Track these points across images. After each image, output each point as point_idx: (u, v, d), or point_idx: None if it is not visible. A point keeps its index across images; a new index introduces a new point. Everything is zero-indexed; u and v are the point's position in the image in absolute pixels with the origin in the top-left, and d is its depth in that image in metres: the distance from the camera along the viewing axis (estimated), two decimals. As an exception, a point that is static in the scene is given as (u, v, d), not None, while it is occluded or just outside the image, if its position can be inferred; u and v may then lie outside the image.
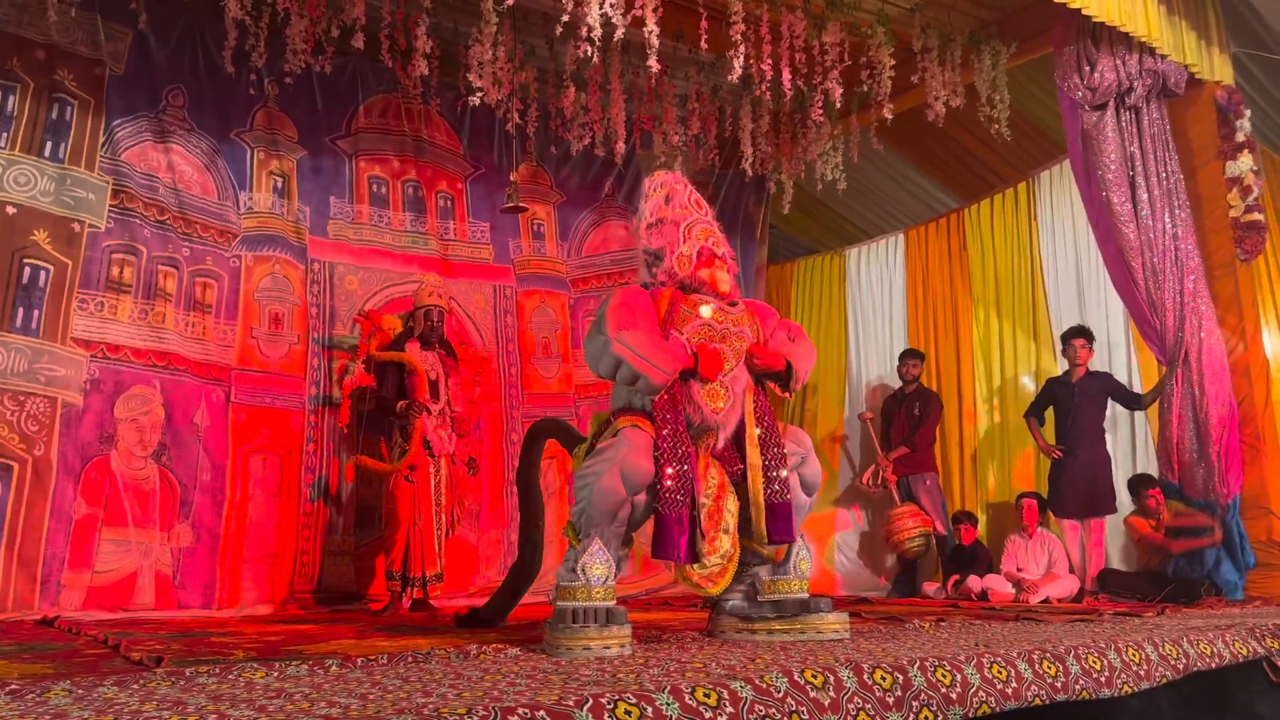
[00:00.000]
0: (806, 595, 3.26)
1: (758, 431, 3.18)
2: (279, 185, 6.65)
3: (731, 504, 3.13)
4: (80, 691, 2.13)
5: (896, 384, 7.56)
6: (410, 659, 2.72)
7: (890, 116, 6.27)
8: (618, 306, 3.18)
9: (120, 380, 5.74)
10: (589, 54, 4.79)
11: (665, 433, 3.03)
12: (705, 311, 3.25)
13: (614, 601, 2.92)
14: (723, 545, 3.07)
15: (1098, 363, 6.47)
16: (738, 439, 3.22)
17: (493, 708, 1.72)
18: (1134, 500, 5.86)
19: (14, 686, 2.17)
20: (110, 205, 5.88)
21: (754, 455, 3.16)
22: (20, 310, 5.50)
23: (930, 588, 6.75)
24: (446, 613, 5.39)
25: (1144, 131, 5.84)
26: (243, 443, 6.12)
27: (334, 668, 2.55)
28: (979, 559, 6.46)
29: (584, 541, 2.96)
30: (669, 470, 2.99)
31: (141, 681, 2.30)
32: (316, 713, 1.78)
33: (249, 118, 6.61)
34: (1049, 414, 6.53)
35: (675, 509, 2.98)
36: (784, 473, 3.17)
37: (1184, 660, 2.91)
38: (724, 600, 3.32)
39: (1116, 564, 6.21)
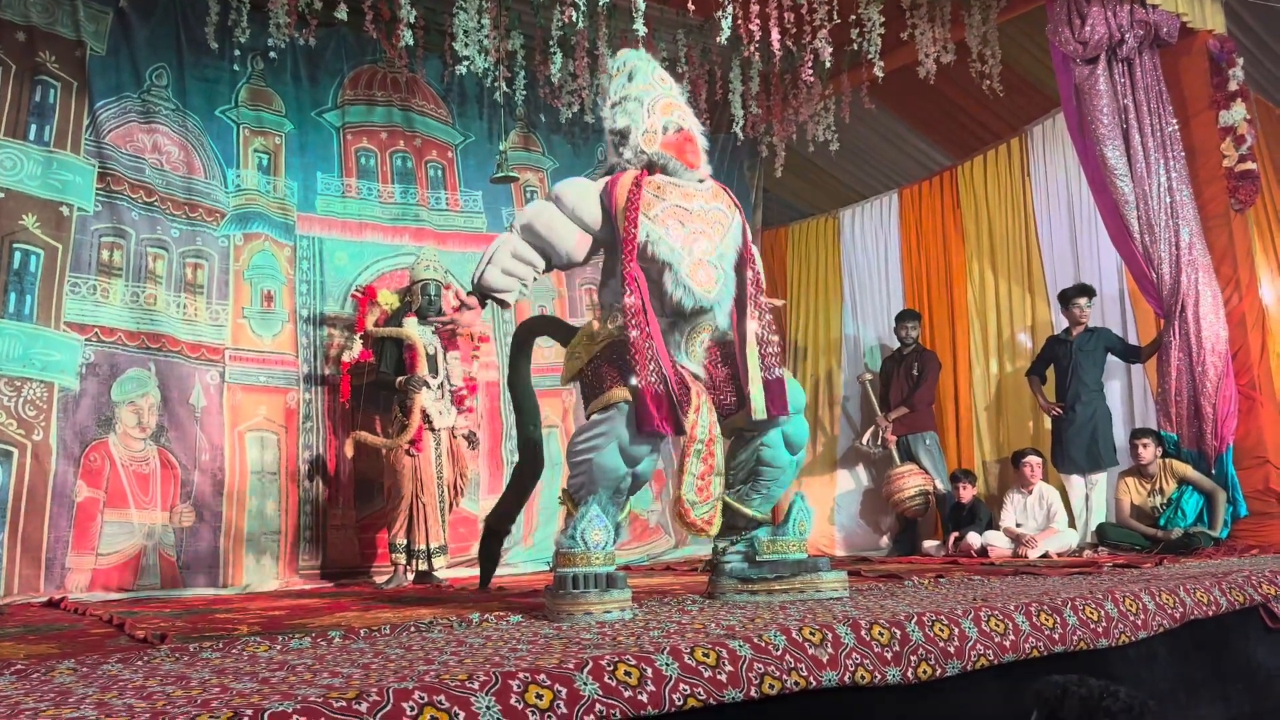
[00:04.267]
0: (805, 555, 3.29)
1: (751, 309, 3.21)
2: (265, 162, 6.60)
3: (721, 450, 3.12)
4: (85, 669, 2.15)
5: (894, 345, 7.56)
6: (413, 629, 2.74)
7: (881, 75, 6.22)
8: (541, 204, 3.22)
9: (115, 363, 5.74)
10: (575, 19, 4.75)
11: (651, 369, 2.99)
12: (673, 195, 3.17)
13: (614, 567, 2.94)
14: (715, 488, 3.09)
15: (1094, 317, 6.47)
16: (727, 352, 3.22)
17: (494, 673, 1.74)
18: (1130, 453, 5.88)
19: (19, 666, 2.19)
20: (97, 188, 5.84)
21: (751, 326, 3.19)
22: (13, 295, 5.48)
23: (930, 545, 6.79)
24: (452, 585, 5.43)
25: (1137, 83, 5.80)
26: (239, 422, 6.13)
27: (337, 640, 2.57)
28: (978, 516, 6.49)
29: (583, 508, 2.96)
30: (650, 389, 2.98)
31: (146, 658, 2.32)
32: (319, 683, 1.79)
33: (234, 94, 6.55)
34: (1050, 371, 6.55)
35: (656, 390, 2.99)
36: (775, 349, 3.20)
37: (1181, 609, 2.93)
38: (724, 562, 3.35)
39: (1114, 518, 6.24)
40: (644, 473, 3.09)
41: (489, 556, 4.24)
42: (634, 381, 2.96)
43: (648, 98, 3.29)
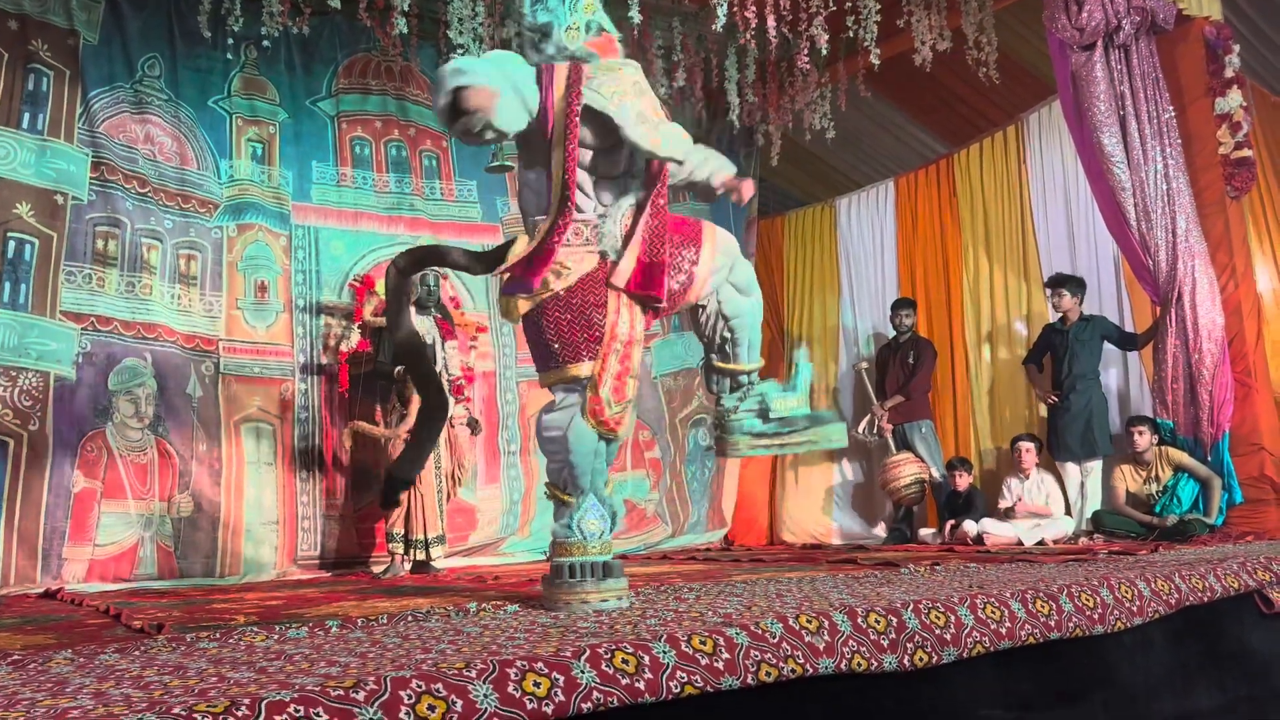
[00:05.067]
0: (809, 410, 3.35)
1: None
2: (259, 151, 6.58)
3: (640, 353, 3.09)
4: (82, 660, 2.15)
5: (890, 333, 7.56)
6: (410, 618, 2.75)
7: (877, 62, 6.20)
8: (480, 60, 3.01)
9: (112, 353, 5.73)
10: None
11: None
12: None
13: (611, 556, 2.94)
14: (630, 390, 3.03)
15: (1090, 303, 6.47)
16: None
17: (491, 661, 1.74)
18: (1126, 440, 5.89)
19: (16, 657, 2.19)
20: (91, 177, 5.82)
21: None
22: (7, 284, 5.47)
23: (926, 533, 6.80)
24: (449, 574, 5.44)
25: (1133, 70, 5.79)
26: (235, 413, 6.12)
27: (334, 629, 2.57)
28: (974, 504, 6.50)
29: (578, 498, 2.96)
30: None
31: (143, 648, 2.32)
32: (316, 672, 1.79)
33: (227, 84, 6.52)
34: (1047, 359, 6.55)
35: None
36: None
37: (1176, 595, 2.94)
38: (735, 421, 3.31)
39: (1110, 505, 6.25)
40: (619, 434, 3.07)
41: (389, 503, 4.21)
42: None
43: None
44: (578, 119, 2.94)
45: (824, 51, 6.10)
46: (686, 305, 3.25)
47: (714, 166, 3.28)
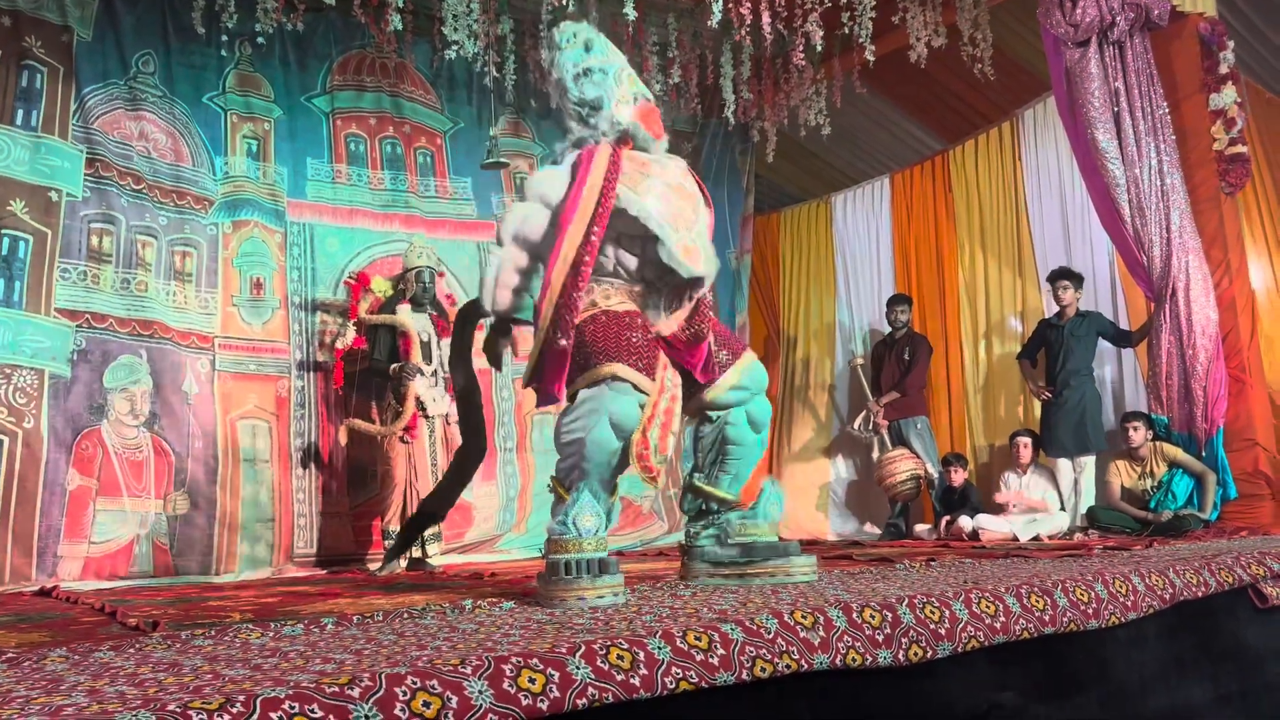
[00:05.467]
0: (776, 539, 3.34)
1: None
2: (254, 148, 6.57)
3: (679, 412, 3.20)
4: (77, 657, 2.15)
5: (886, 329, 7.57)
6: (406, 615, 2.75)
7: (872, 59, 6.21)
8: (525, 202, 3.20)
9: (107, 350, 5.72)
10: (565, 3, 4.72)
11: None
12: (656, 172, 3.19)
13: (606, 553, 2.93)
14: (671, 442, 3.14)
15: (1085, 299, 6.48)
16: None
17: (486, 657, 1.74)
18: (1121, 436, 5.91)
19: (11, 654, 2.19)
20: (86, 174, 5.81)
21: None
22: (1, 281, 5.46)
23: (922, 529, 6.82)
24: (445, 571, 5.43)
25: (1128, 66, 5.79)
26: (231, 410, 6.12)
27: (330, 626, 2.57)
28: (970, 500, 6.52)
29: (574, 494, 2.96)
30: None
31: (138, 646, 2.31)
32: (311, 669, 1.79)
33: (221, 80, 6.51)
34: (1042, 355, 6.56)
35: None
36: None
37: (1170, 590, 2.95)
38: (696, 546, 3.40)
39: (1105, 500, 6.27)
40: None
41: (406, 540, 4.30)
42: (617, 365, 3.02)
43: (612, 68, 3.29)
44: (610, 203, 3.03)
45: (819, 48, 6.10)
46: (694, 403, 3.31)
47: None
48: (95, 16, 6.02)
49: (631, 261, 3.17)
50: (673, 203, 3.15)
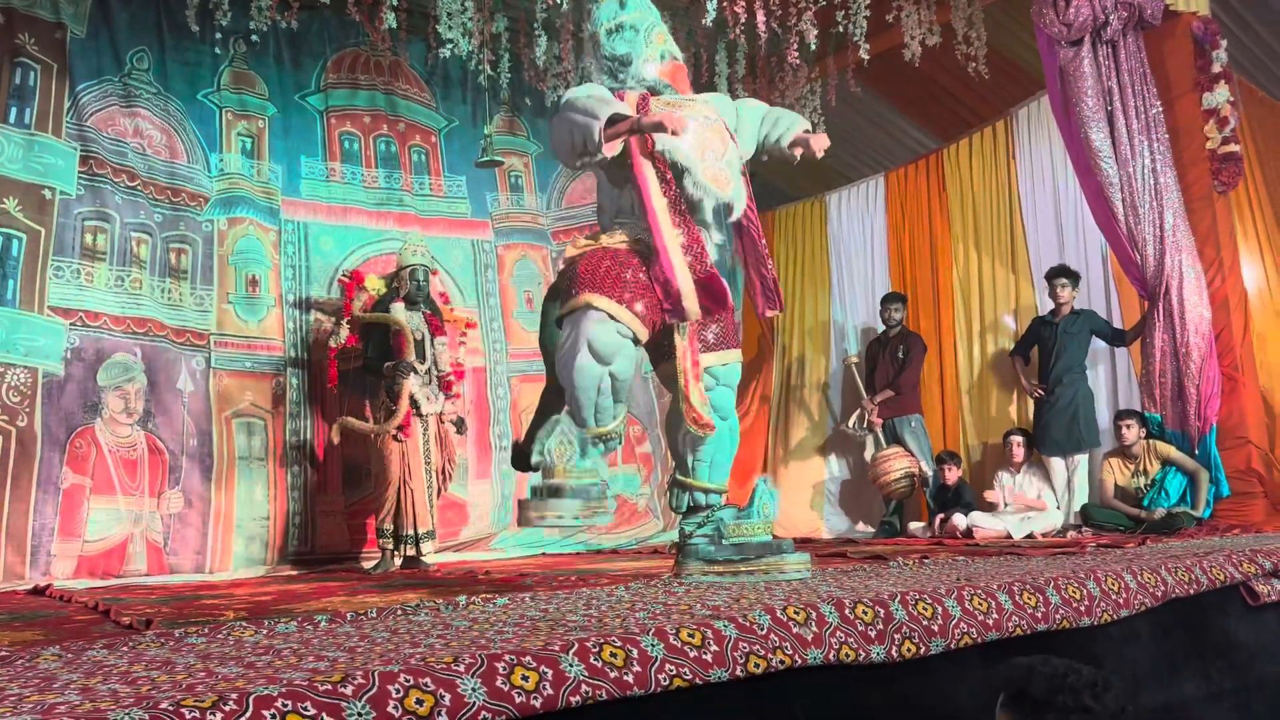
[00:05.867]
0: (770, 538, 3.39)
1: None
2: (249, 146, 6.56)
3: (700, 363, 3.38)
4: (70, 655, 2.15)
5: (880, 328, 7.58)
6: (399, 612, 2.75)
7: (866, 58, 6.21)
8: (569, 94, 3.30)
9: (101, 348, 5.71)
10: (559, 1, 4.72)
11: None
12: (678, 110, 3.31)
13: (586, 481, 3.14)
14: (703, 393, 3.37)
15: (1078, 299, 6.49)
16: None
17: (479, 655, 1.74)
18: (1114, 434, 5.92)
19: (4, 653, 2.18)
20: (80, 171, 5.80)
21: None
22: (-5, 280, 5.45)
23: (916, 527, 6.83)
24: (439, 569, 5.44)
25: (1121, 65, 5.80)
26: (226, 407, 6.11)
27: (323, 624, 2.57)
28: (963, 497, 6.53)
29: (549, 423, 3.21)
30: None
31: (131, 644, 2.31)
32: (304, 666, 1.80)
33: (216, 78, 6.50)
34: (1035, 353, 6.57)
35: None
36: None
37: (1162, 588, 2.96)
38: (691, 544, 3.45)
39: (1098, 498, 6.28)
40: (620, 373, 3.20)
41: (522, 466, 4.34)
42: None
43: (644, 25, 3.43)
44: (652, 140, 3.21)
45: (813, 46, 6.10)
46: (665, 369, 3.48)
47: (784, 127, 3.52)
48: (89, 13, 6.01)
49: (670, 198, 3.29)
50: (700, 135, 3.29)
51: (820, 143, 3.50)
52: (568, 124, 3.14)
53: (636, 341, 3.22)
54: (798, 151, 3.54)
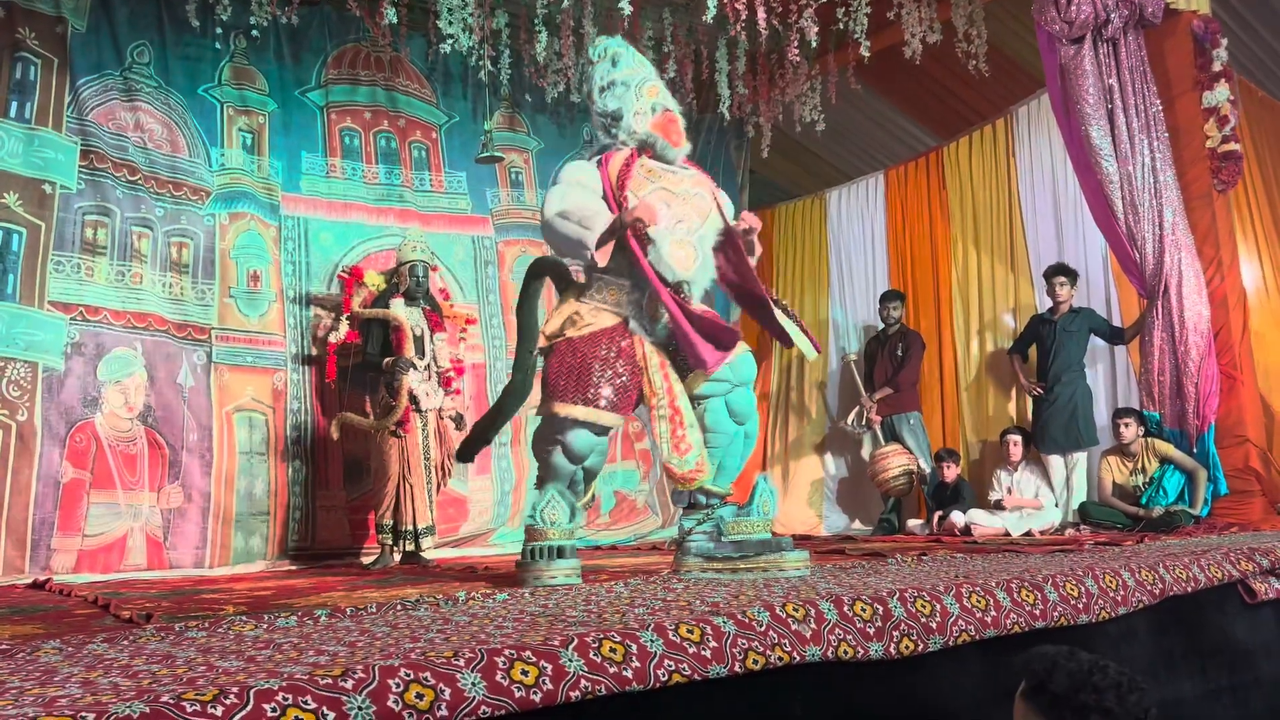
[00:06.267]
0: (769, 535, 3.43)
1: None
2: (249, 141, 6.56)
3: (686, 403, 3.40)
4: (70, 649, 2.15)
5: (879, 326, 7.59)
6: (399, 607, 2.75)
7: (867, 55, 6.21)
8: (559, 185, 3.42)
9: (101, 343, 5.71)
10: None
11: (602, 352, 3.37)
12: (660, 179, 3.45)
13: (572, 542, 3.37)
14: (693, 438, 3.37)
15: (1078, 296, 6.50)
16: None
17: (479, 650, 1.75)
18: (1113, 432, 5.93)
19: (4, 646, 2.19)
20: (80, 166, 5.80)
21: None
22: (-5, 274, 5.45)
23: (914, 524, 6.84)
24: (439, 565, 5.44)
25: (1122, 64, 5.80)
26: (227, 402, 6.11)
27: (323, 618, 2.57)
28: (962, 495, 6.54)
29: (542, 491, 3.41)
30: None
31: (131, 638, 2.32)
32: (305, 660, 1.80)
33: (217, 73, 6.50)
34: (1034, 351, 6.58)
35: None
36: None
37: (1160, 585, 2.97)
38: (690, 541, 3.49)
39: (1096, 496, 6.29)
40: (593, 466, 3.54)
41: (465, 456, 4.40)
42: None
43: (634, 81, 3.53)
44: (627, 201, 3.33)
45: (814, 44, 6.10)
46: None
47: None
48: (90, 7, 6.00)
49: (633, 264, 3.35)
50: (675, 209, 3.38)
51: (749, 221, 3.56)
52: (561, 236, 3.32)
53: (608, 429, 3.47)
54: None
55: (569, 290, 3.60)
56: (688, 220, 3.40)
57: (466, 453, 4.17)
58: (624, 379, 3.37)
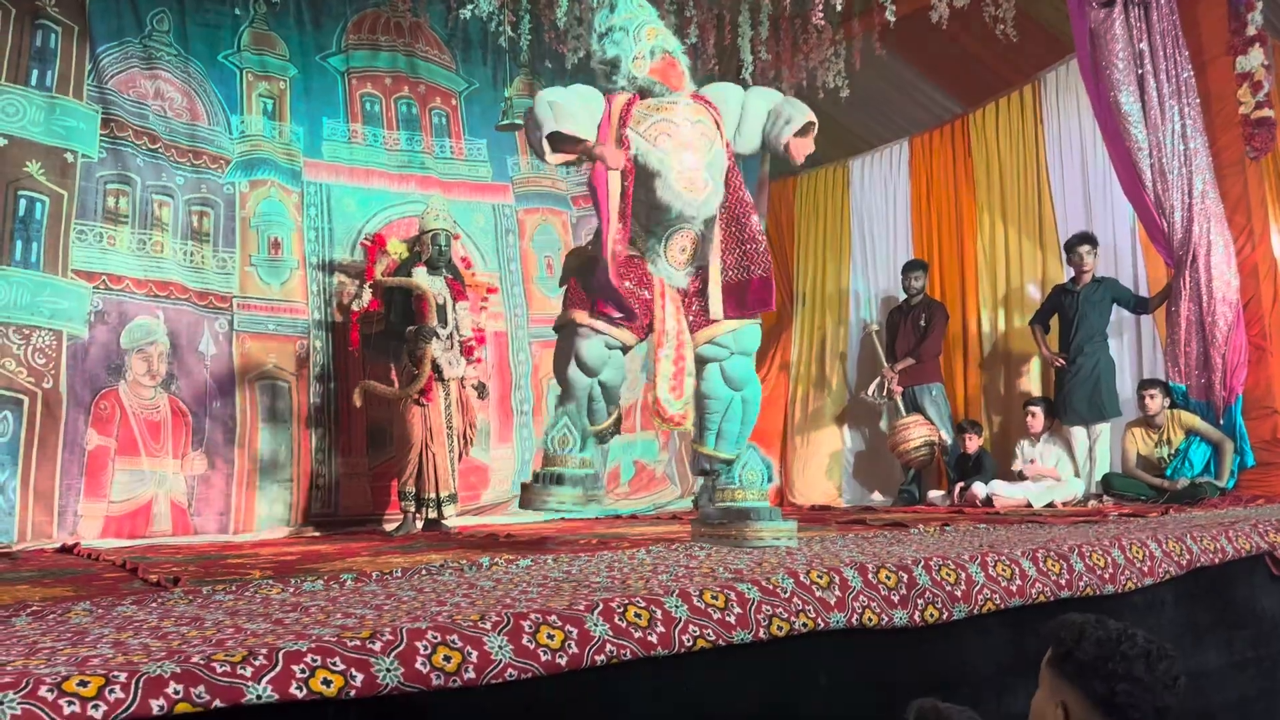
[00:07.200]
0: (752, 503, 3.37)
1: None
2: (270, 107, 6.54)
3: (691, 352, 3.45)
4: (100, 611, 2.18)
5: (901, 296, 7.53)
6: (424, 572, 2.77)
7: (893, 20, 6.10)
8: (566, 89, 3.44)
9: (124, 311, 5.74)
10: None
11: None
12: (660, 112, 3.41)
13: (582, 470, 3.42)
14: (689, 385, 3.44)
15: (1105, 267, 6.42)
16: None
17: (505, 614, 1.75)
18: (1138, 403, 5.87)
19: (36, 608, 2.21)
20: (101, 134, 5.80)
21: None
22: (19, 243, 5.47)
23: (935, 495, 6.82)
24: (461, 532, 5.47)
25: (1153, 27, 5.68)
26: (249, 370, 6.14)
27: (349, 583, 2.59)
28: (983, 466, 6.50)
29: (555, 418, 3.46)
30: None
31: (160, 600, 2.34)
32: (332, 623, 1.81)
33: (236, 39, 6.47)
34: (1055, 322, 6.51)
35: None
36: (756, 249, 3.42)
37: (1187, 556, 2.95)
38: (702, 507, 3.60)
39: (1121, 468, 6.25)
40: (609, 381, 3.55)
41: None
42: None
43: (632, 25, 3.48)
44: (628, 145, 3.31)
45: (839, 8, 6.00)
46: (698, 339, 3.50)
47: (782, 124, 3.49)
48: (109, -26, 5.98)
49: (643, 202, 3.36)
50: (678, 136, 3.35)
51: (800, 148, 3.50)
52: (535, 118, 3.29)
53: (627, 348, 3.49)
54: (792, 153, 3.54)
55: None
56: (694, 148, 3.35)
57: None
58: (641, 301, 3.40)
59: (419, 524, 5.71)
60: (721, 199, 3.39)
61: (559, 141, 3.22)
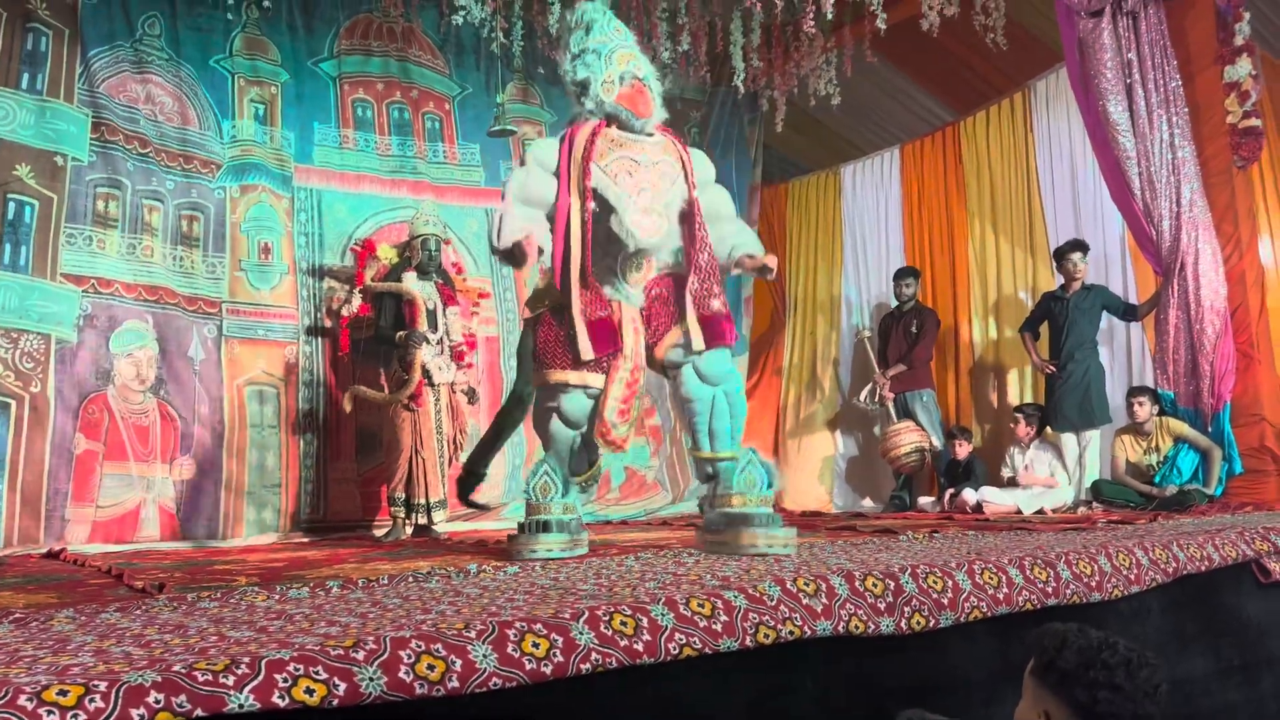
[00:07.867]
0: (747, 510, 3.29)
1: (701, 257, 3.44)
2: (261, 112, 6.53)
3: (644, 376, 3.50)
4: (83, 618, 2.17)
5: (893, 303, 7.54)
6: (411, 579, 2.76)
7: (883, 27, 6.12)
8: (523, 167, 3.50)
9: (113, 315, 5.72)
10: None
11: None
12: (622, 149, 3.44)
13: (566, 516, 3.45)
14: (635, 410, 3.49)
15: (1095, 275, 6.44)
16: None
17: (490, 622, 1.75)
18: (1127, 411, 5.89)
19: (18, 615, 2.20)
20: (91, 138, 5.79)
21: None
22: (8, 246, 5.46)
23: (925, 501, 6.82)
24: (450, 538, 5.46)
25: (1141, 37, 5.71)
26: (238, 375, 6.13)
27: (335, 590, 2.58)
28: (974, 473, 6.52)
29: (534, 467, 3.48)
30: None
31: (144, 607, 2.33)
32: (317, 631, 1.81)
33: (228, 44, 6.47)
34: (1045, 329, 6.53)
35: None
36: (713, 286, 3.43)
37: (1174, 564, 2.95)
38: (705, 513, 3.55)
39: (1110, 475, 6.26)
40: (590, 433, 3.56)
41: (465, 493, 4.65)
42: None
43: (605, 49, 3.48)
44: (589, 176, 3.34)
45: (830, 15, 6.02)
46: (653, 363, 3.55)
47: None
48: (100, -23, 5.97)
49: (602, 230, 3.38)
50: (639, 177, 3.38)
51: (771, 261, 3.53)
52: (499, 215, 3.32)
53: (600, 391, 3.48)
54: (744, 266, 3.60)
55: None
56: (653, 187, 3.39)
57: (466, 490, 4.42)
58: (609, 325, 3.42)
59: (409, 530, 5.69)
60: (678, 237, 3.45)
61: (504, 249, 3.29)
